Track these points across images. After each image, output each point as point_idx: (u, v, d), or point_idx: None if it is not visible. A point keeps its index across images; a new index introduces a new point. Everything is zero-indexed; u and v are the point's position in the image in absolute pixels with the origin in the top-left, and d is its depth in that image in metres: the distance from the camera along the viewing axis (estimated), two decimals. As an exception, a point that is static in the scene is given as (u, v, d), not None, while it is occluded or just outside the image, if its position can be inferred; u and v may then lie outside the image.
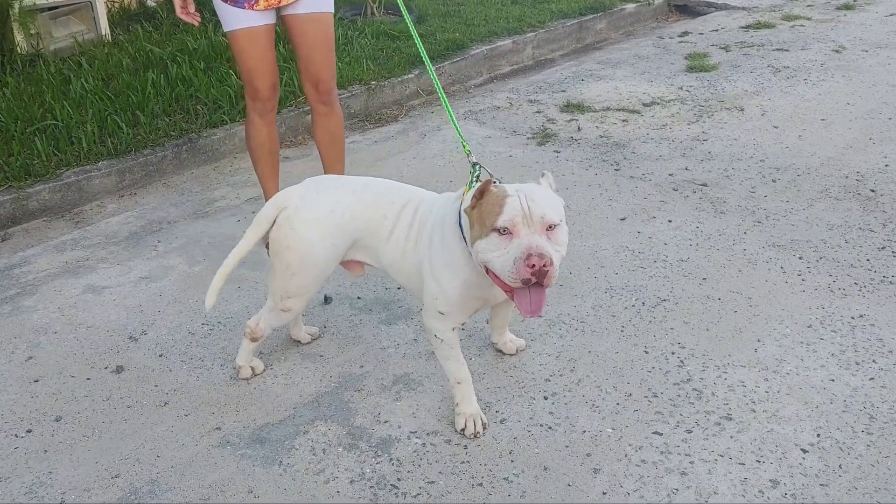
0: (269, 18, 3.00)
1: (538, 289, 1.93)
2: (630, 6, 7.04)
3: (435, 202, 2.26)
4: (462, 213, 2.08)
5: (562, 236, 1.99)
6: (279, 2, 2.95)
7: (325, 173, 3.26)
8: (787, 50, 5.84)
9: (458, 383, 2.27)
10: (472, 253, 2.03)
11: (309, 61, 3.07)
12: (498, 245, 1.94)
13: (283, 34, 3.29)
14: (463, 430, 2.26)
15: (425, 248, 2.20)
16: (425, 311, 2.23)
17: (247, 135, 3.23)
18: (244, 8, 2.92)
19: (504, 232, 1.93)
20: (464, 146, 2.42)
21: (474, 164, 2.27)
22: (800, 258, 3.10)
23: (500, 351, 2.61)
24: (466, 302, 2.17)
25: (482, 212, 1.98)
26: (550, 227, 1.94)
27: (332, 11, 3.07)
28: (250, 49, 2.99)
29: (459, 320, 2.21)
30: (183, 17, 3.05)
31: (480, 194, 2.00)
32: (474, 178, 2.21)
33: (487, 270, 2.00)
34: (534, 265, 1.87)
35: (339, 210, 2.28)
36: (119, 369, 2.59)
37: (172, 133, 4.19)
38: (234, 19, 2.95)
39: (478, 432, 2.25)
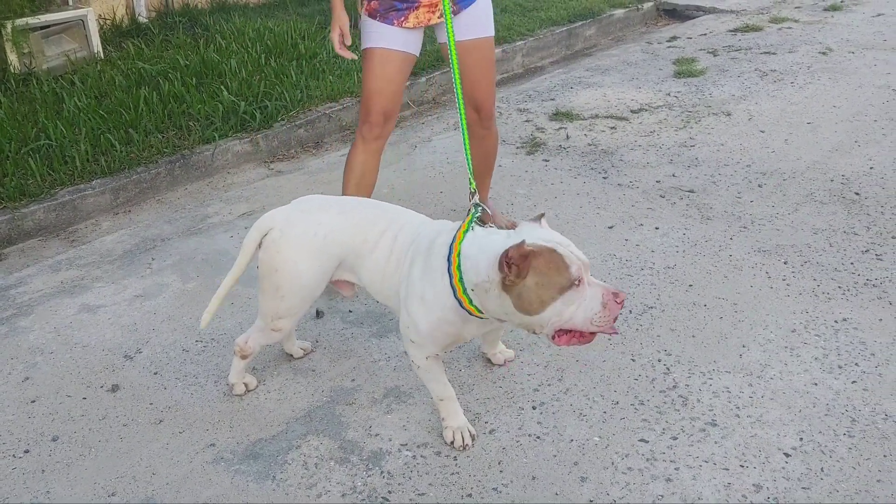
0: (413, 47, 3.00)
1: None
2: (619, 12, 7.09)
3: (419, 229, 2.25)
4: (497, 278, 1.96)
5: None
6: (428, 20, 2.94)
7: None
8: (774, 53, 5.89)
9: (441, 400, 2.30)
10: (529, 323, 1.98)
11: (472, 87, 3.06)
12: (573, 299, 1.93)
13: (443, 56, 3.32)
14: (452, 442, 2.30)
15: (404, 276, 2.21)
16: (402, 335, 2.27)
17: (347, 160, 3.15)
18: (392, 24, 2.91)
19: (577, 285, 1.93)
20: (470, 182, 2.45)
21: (477, 205, 2.27)
22: (785, 263, 3.14)
23: (490, 361, 2.65)
24: (438, 337, 2.18)
25: (545, 273, 1.91)
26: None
27: (493, 35, 3.08)
28: (378, 70, 2.96)
29: (432, 351, 2.21)
30: (341, 53, 3.00)
31: (525, 259, 1.91)
32: (472, 218, 2.17)
33: (557, 334, 1.98)
34: (622, 301, 1.95)
35: (322, 232, 2.30)
36: (114, 388, 2.64)
37: (165, 150, 4.24)
38: (377, 36, 2.95)
39: (466, 444, 2.29)
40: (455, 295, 2.07)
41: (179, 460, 2.31)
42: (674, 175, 3.96)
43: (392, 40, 2.95)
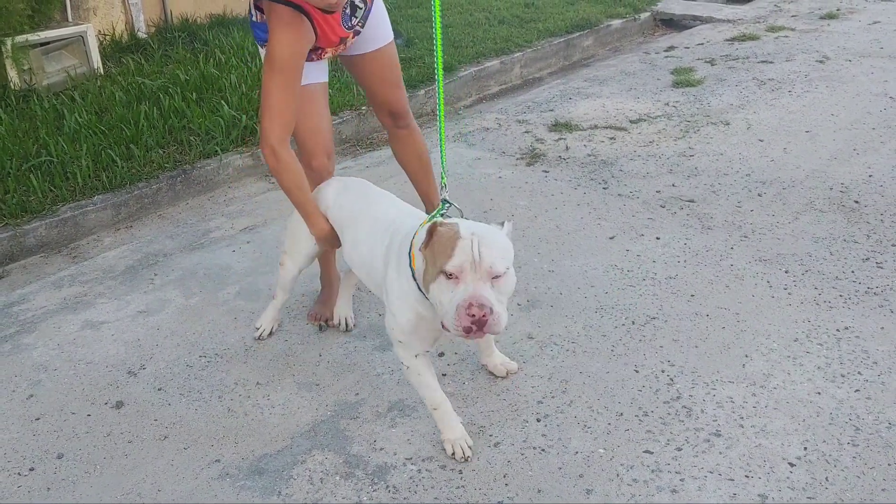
0: (323, 74, 2.84)
1: (478, 334, 1.92)
2: (616, 22, 7.12)
3: (402, 227, 2.29)
4: (417, 250, 2.07)
5: (507, 286, 1.97)
6: (346, 47, 2.84)
7: (420, 194, 3.22)
8: (771, 62, 5.92)
9: (435, 409, 2.31)
10: (424, 291, 2.05)
11: (379, 95, 2.98)
12: (445, 289, 1.94)
13: (347, 71, 3.21)
14: (453, 455, 2.31)
15: (383, 275, 2.27)
16: (391, 338, 2.30)
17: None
18: (311, 60, 2.70)
19: (451, 276, 1.92)
20: (442, 178, 2.45)
21: (444, 201, 2.30)
22: (786, 272, 3.15)
23: (492, 373, 2.66)
24: (422, 334, 2.20)
25: (434, 252, 1.97)
26: (497, 277, 1.93)
27: (392, 38, 2.94)
28: (308, 107, 2.74)
29: (419, 349, 2.24)
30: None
31: (431, 234, 1.99)
32: (437, 214, 2.23)
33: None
34: (473, 315, 1.87)
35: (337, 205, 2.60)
36: (119, 405, 2.64)
37: (166, 165, 4.25)
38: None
39: (467, 456, 2.29)
40: (415, 279, 2.11)
41: (185, 476, 2.32)
42: (674, 185, 3.97)
43: (311, 75, 2.76)
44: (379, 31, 2.88)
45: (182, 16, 6.66)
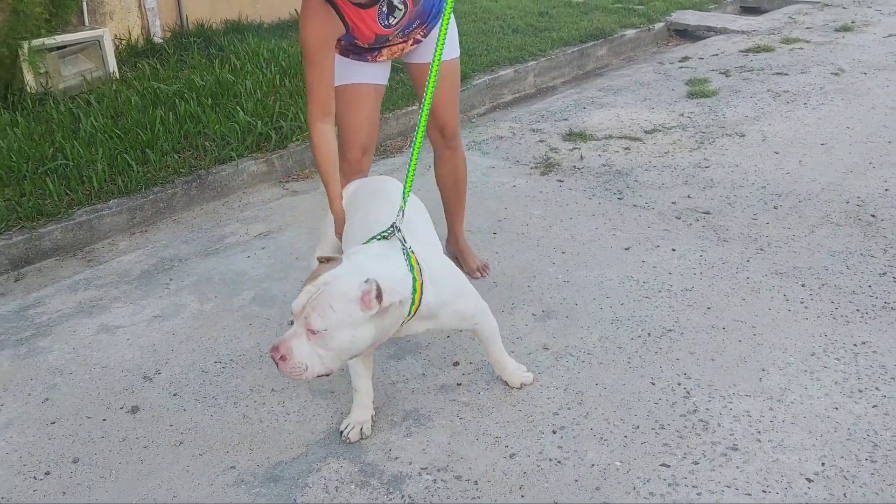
0: (383, 77, 2.98)
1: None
2: (630, 32, 7.12)
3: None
4: None
5: (326, 343, 1.99)
6: (402, 51, 2.92)
7: (446, 216, 3.34)
8: (786, 74, 5.91)
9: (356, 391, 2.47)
10: None
11: (436, 109, 3.02)
12: None
13: (407, 81, 3.26)
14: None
15: None
16: None
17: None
18: (366, 61, 2.88)
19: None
20: (403, 197, 2.36)
21: (393, 225, 2.26)
22: (802, 285, 3.14)
23: (506, 383, 2.65)
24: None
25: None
26: (314, 332, 1.98)
27: (458, 56, 3.04)
28: (353, 106, 2.90)
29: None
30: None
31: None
32: (380, 236, 2.24)
33: None
34: (272, 354, 2.01)
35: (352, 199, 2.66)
36: (134, 409, 2.64)
37: (182, 170, 4.26)
38: (350, 73, 2.87)
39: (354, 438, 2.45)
40: None
41: (200, 483, 2.32)
42: (689, 196, 3.97)
43: (364, 75, 2.91)
44: (448, 43, 2.95)
45: (198, 21, 6.69)
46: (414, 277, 2.13)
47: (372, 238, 2.25)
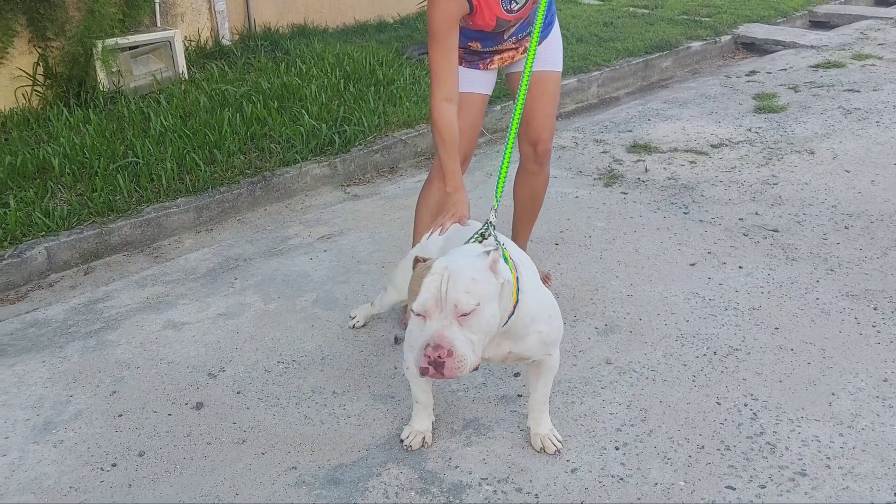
0: (489, 86, 2.99)
1: (437, 375, 1.86)
2: (696, 44, 7.03)
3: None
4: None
5: (478, 323, 1.87)
6: (512, 58, 2.94)
7: (514, 225, 3.30)
8: (858, 91, 5.77)
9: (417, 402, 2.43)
10: None
11: (531, 119, 3.00)
12: (416, 328, 1.93)
13: (506, 89, 3.27)
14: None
15: None
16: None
17: (420, 193, 3.11)
18: (477, 69, 2.91)
19: (419, 315, 1.89)
20: (496, 198, 2.39)
21: (487, 222, 2.25)
22: (874, 309, 3.05)
23: (529, 435, 2.45)
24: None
25: (410, 290, 1.94)
26: (464, 314, 1.85)
27: (561, 70, 3.03)
28: (461, 114, 2.81)
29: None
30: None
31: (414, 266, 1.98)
32: (477, 236, 2.21)
33: None
34: (429, 356, 1.83)
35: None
36: (199, 406, 2.68)
37: (247, 171, 4.32)
38: (461, 81, 2.84)
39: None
40: None
41: (262, 482, 2.34)
42: (757, 213, 3.89)
43: (473, 84, 2.94)
44: (549, 55, 2.96)
45: (265, 24, 6.79)
46: (510, 269, 2.05)
47: (471, 238, 2.22)
